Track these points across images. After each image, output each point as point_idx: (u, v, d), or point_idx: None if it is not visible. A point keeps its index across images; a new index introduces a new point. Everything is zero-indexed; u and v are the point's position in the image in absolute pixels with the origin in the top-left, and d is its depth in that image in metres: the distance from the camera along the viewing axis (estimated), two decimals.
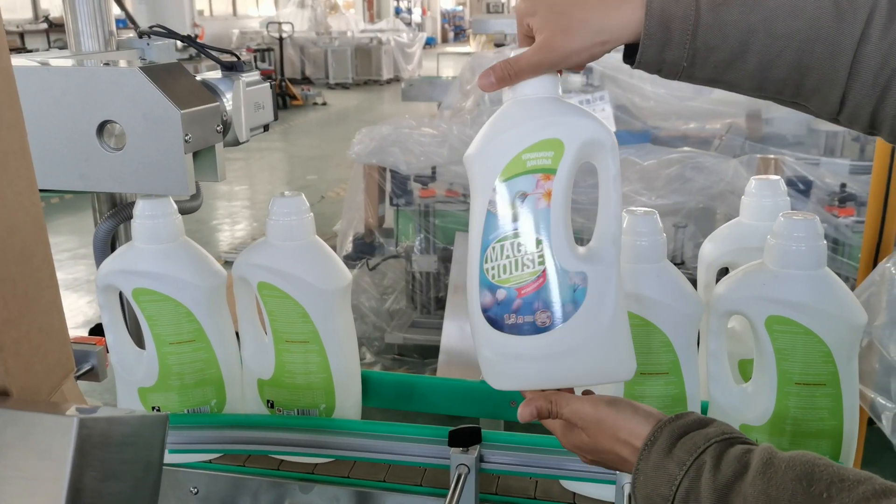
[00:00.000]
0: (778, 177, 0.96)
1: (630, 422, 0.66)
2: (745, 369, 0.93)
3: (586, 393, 0.71)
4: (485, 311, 0.64)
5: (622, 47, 0.69)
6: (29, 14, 11.08)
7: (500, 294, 0.63)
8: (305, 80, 13.00)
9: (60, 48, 1.13)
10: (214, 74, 1.05)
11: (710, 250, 0.98)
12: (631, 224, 0.79)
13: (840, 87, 0.64)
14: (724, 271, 0.98)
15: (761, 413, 0.80)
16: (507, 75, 0.67)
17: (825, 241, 0.77)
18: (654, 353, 0.80)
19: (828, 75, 0.64)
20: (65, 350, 0.57)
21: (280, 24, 12.06)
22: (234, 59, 1.08)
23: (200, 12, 14.09)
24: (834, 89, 0.64)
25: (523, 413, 0.69)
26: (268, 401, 0.95)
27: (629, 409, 0.67)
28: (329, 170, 7.18)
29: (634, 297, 0.79)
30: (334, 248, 3.95)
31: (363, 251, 3.44)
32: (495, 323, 0.63)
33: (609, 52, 0.67)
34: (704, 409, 0.86)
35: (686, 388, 0.82)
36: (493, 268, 0.63)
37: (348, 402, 0.96)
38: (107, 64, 0.89)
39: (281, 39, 11.91)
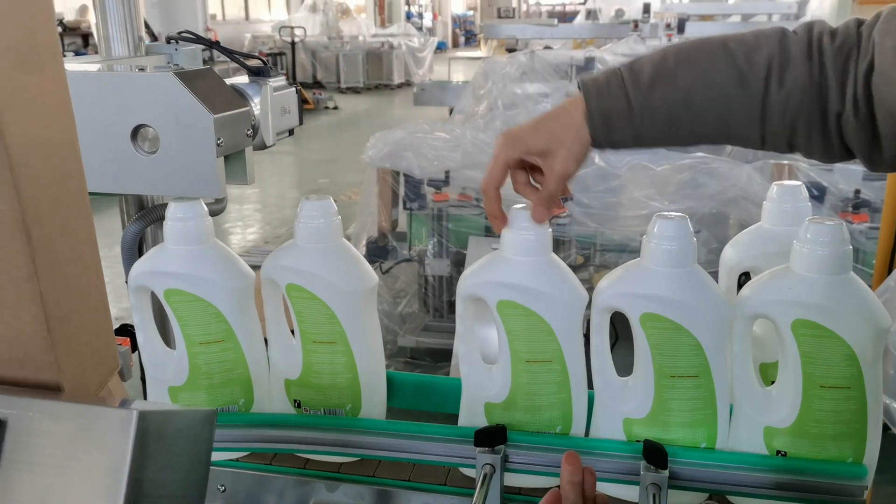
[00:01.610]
0: (800, 182, 0.97)
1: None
2: (765, 373, 0.93)
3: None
4: None
5: None
6: None
7: None
8: (317, 85, 13.06)
9: (75, 52, 1.15)
10: (242, 79, 1.07)
11: (732, 255, 0.99)
12: (661, 228, 0.81)
13: (758, 131, 0.81)
14: (744, 276, 0.99)
15: (786, 416, 0.81)
16: (551, 200, 0.85)
17: (851, 247, 0.78)
18: (683, 356, 0.81)
19: (745, 126, 0.81)
20: (111, 347, 0.59)
21: (292, 28, 12.12)
22: (262, 64, 1.10)
23: (213, 16, 14.17)
24: (754, 134, 0.81)
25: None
26: (294, 400, 0.97)
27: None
28: (340, 173, 7.20)
29: (665, 301, 0.80)
30: None
31: (376, 255, 3.46)
32: None
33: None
34: (732, 412, 0.87)
35: (716, 392, 0.83)
36: None
37: (374, 402, 0.98)
38: (141, 69, 0.91)
39: (293, 44, 11.97)
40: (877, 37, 0.74)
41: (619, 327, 0.94)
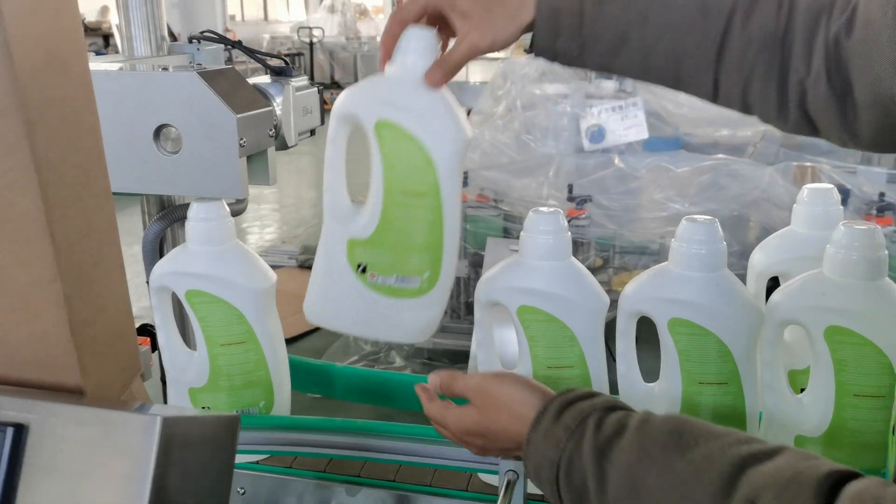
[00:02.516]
0: (831, 186, 0.95)
1: (516, 394, 0.72)
2: (794, 380, 0.91)
3: None
4: None
5: None
6: None
7: None
8: (335, 85, 13.06)
9: (95, 52, 1.15)
10: (264, 79, 1.07)
11: (761, 259, 0.97)
12: (690, 232, 0.79)
13: (711, 73, 0.73)
14: (772, 281, 0.97)
15: (817, 424, 0.79)
16: (451, 69, 0.77)
17: (886, 252, 0.76)
18: (712, 362, 0.80)
19: (699, 63, 0.73)
20: (133, 350, 0.58)
21: (310, 29, 12.14)
22: (284, 64, 1.09)
23: (232, 17, 14.24)
24: (706, 75, 0.73)
25: (432, 380, 0.80)
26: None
27: (513, 381, 0.73)
28: (357, 174, 7.20)
29: (693, 306, 0.79)
30: None
31: None
32: None
33: (517, 38, 0.77)
34: (761, 419, 0.85)
35: (745, 399, 0.81)
36: None
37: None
38: (164, 69, 0.90)
39: (311, 44, 12.00)
40: None
41: (639, 329, 0.92)
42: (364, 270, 0.81)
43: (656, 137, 3.53)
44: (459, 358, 3.27)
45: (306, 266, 4.56)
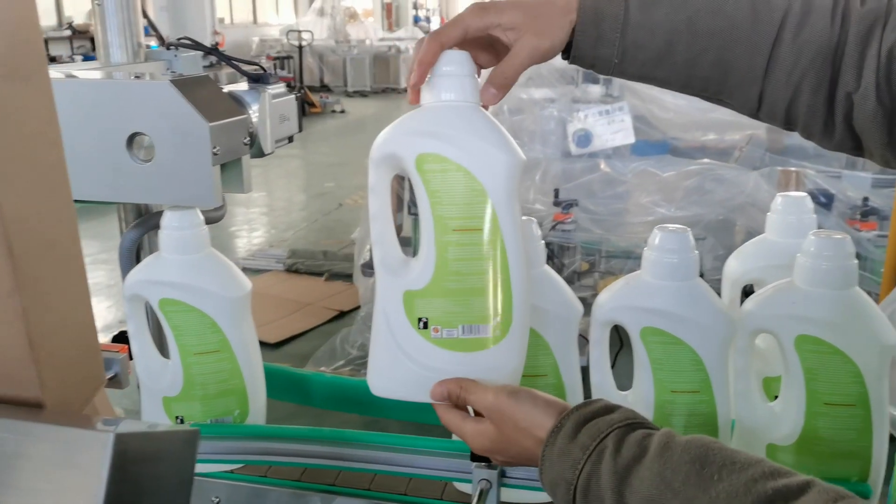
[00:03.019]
0: (804, 193, 0.95)
1: (531, 412, 0.68)
2: (768, 387, 0.92)
3: None
4: None
5: None
6: (53, 21, 11.22)
7: None
8: (324, 88, 13.07)
9: (84, 56, 1.15)
10: (241, 86, 1.06)
11: (735, 267, 0.97)
12: (662, 241, 0.79)
13: (758, 84, 0.70)
14: (747, 287, 0.98)
15: (789, 433, 0.79)
16: (510, 79, 0.73)
17: (856, 261, 0.76)
18: (684, 371, 0.80)
19: (747, 73, 0.70)
20: (96, 362, 0.58)
21: (300, 32, 12.13)
22: (261, 71, 1.09)
23: (221, 20, 14.22)
24: (753, 87, 0.70)
25: (435, 392, 0.73)
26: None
27: (529, 399, 0.69)
28: (347, 177, 7.20)
29: (666, 315, 0.79)
30: (352, 254, 3.97)
31: None
32: None
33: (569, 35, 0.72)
34: (734, 428, 0.86)
35: (717, 408, 0.81)
36: None
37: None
38: (137, 77, 0.90)
39: (300, 47, 11.98)
40: None
41: (623, 335, 0.92)
42: (426, 326, 0.73)
43: (644, 141, 3.54)
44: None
45: (293, 270, 4.55)
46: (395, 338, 0.74)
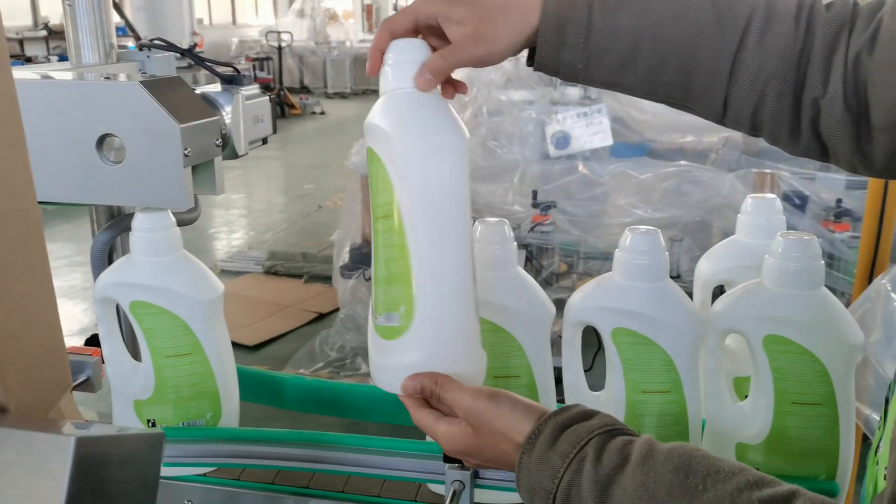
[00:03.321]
0: (774, 195, 0.96)
1: (510, 416, 0.67)
2: (739, 387, 0.93)
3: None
4: None
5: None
6: (28, 21, 11.09)
7: None
8: (304, 90, 13.03)
9: (60, 56, 1.13)
10: (214, 87, 1.06)
11: (707, 268, 0.98)
12: (633, 242, 0.80)
13: (722, 90, 0.69)
14: (719, 288, 0.99)
15: (758, 432, 0.80)
16: (442, 73, 0.71)
17: (823, 261, 0.77)
18: (655, 371, 0.80)
19: (711, 79, 0.69)
20: (62, 366, 0.57)
21: (279, 33, 12.09)
22: (234, 72, 1.09)
23: (200, 21, 14.12)
24: (717, 93, 0.69)
25: (407, 385, 0.71)
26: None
27: (508, 402, 0.68)
28: (327, 179, 7.18)
29: (636, 316, 0.79)
30: (331, 256, 3.96)
31: (360, 261, 3.44)
32: None
33: (517, 52, 0.72)
34: (704, 427, 0.86)
35: (688, 408, 0.82)
36: None
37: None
38: (107, 78, 0.89)
39: (280, 48, 11.94)
40: (887, 17, 0.64)
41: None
42: (374, 313, 0.74)
43: (622, 143, 3.57)
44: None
45: (272, 272, 4.53)
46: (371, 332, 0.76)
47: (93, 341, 1.26)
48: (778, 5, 0.68)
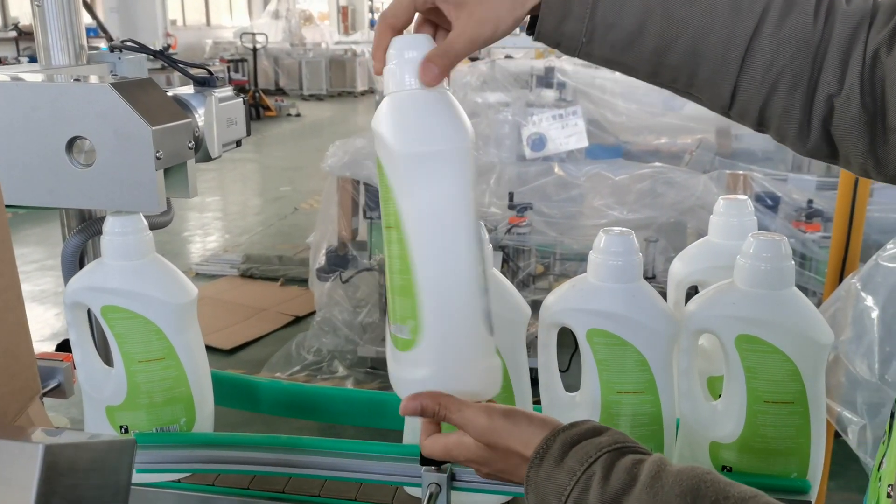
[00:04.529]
0: (745, 196, 0.97)
1: (525, 432, 0.65)
2: (713, 387, 0.94)
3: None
4: None
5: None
6: None
7: None
8: (279, 91, 12.96)
9: (30, 57, 1.12)
10: (187, 89, 1.05)
11: (680, 268, 0.99)
12: (607, 244, 0.80)
13: (731, 79, 0.65)
14: (692, 289, 1.00)
15: (731, 431, 0.81)
16: (449, 62, 0.66)
17: (793, 262, 0.78)
18: (630, 371, 0.81)
19: (720, 66, 0.65)
20: (31, 372, 0.56)
21: (254, 34, 12.01)
22: (207, 74, 1.08)
23: (173, 22, 14.00)
24: (726, 81, 0.65)
25: (406, 406, 0.68)
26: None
27: (524, 419, 0.66)
28: (302, 181, 7.15)
29: (610, 317, 0.80)
30: (307, 259, 3.94)
31: (336, 264, 3.43)
32: None
33: (520, 24, 0.67)
34: (679, 426, 0.87)
35: (662, 407, 0.83)
36: None
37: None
38: (77, 79, 0.88)
39: (255, 50, 11.86)
40: None
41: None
42: (389, 318, 0.72)
43: (596, 145, 3.59)
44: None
45: (248, 275, 4.50)
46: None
47: (64, 346, 1.24)
48: None
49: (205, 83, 1.06)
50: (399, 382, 0.70)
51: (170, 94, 1.00)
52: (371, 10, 19.69)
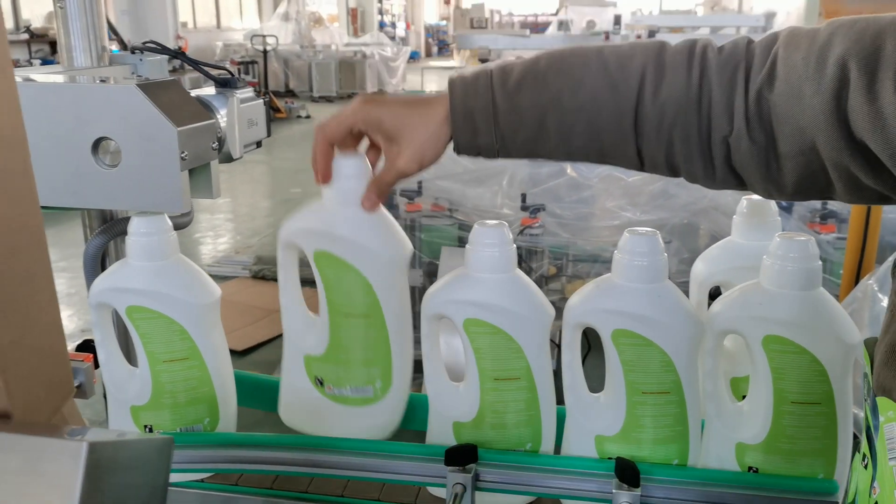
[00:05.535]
0: None
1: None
2: (736, 387, 0.93)
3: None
4: None
5: None
6: (10, 24, 10.99)
7: None
8: (289, 93, 13.00)
9: (43, 60, 1.12)
10: (208, 91, 1.05)
11: (702, 269, 0.99)
12: (632, 244, 0.80)
13: (632, 145, 0.74)
14: (714, 290, 0.99)
15: (757, 432, 0.81)
16: (384, 191, 0.83)
17: (820, 262, 0.78)
18: (655, 372, 0.81)
19: (619, 137, 0.74)
20: (65, 371, 0.57)
21: (264, 37, 12.04)
22: (229, 75, 1.08)
23: (184, 24, 14.06)
24: (628, 148, 0.74)
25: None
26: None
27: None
28: (313, 183, 7.12)
29: (636, 317, 0.80)
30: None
31: None
32: None
33: (442, 154, 0.80)
34: (703, 427, 0.87)
35: (687, 408, 0.82)
36: None
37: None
38: (103, 80, 0.88)
39: (265, 52, 11.90)
40: (781, 51, 0.67)
41: (592, 338, 0.93)
42: (322, 383, 0.91)
43: None
44: (414, 367, 3.25)
45: (259, 276, 4.51)
46: (299, 388, 0.93)
47: (84, 347, 1.25)
48: (668, 58, 0.72)
49: (226, 84, 1.07)
50: (370, 428, 0.92)
51: (192, 94, 1.00)
52: (380, 13, 19.74)
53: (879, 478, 0.56)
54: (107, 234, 1.06)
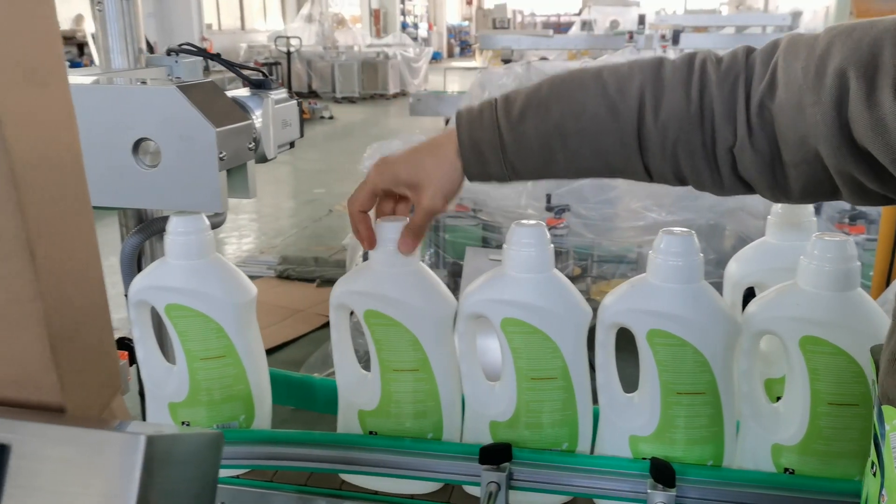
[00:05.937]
0: None
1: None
2: (770, 388, 0.93)
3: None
4: None
5: None
6: None
7: None
8: (312, 94, 13.07)
9: (70, 62, 1.14)
10: (243, 92, 1.07)
11: (737, 269, 0.99)
12: (668, 244, 0.80)
13: (639, 161, 0.75)
14: (749, 291, 0.99)
15: (794, 433, 0.80)
16: (419, 234, 0.85)
17: (859, 263, 0.77)
18: (690, 372, 0.81)
19: (626, 157, 0.75)
20: (114, 367, 0.58)
21: (288, 38, 12.12)
22: (262, 76, 1.10)
23: (209, 26, 14.19)
24: (636, 164, 0.75)
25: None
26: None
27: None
28: (336, 183, 7.19)
29: (672, 318, 0.80)
30: (343, 261, 3.96)
31: None
32: None
33: (461, 186, 0.83)
34: (739, 428, 0.86)
35: (723, 409, 0.82)
36: None
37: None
38: (143, 82, 0.90)
39: (289, 53, 11.98)
40: (781, 61, 0.68)
41: (619, 338, 0.92)
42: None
43: None
44: None
45: (284, 276, 4.54)
46: None
47: (119, 344, 1.27)
48: (666, 76, 0.73)
49: (260, 85, 1.08)
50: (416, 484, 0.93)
51: (229, 96, 1.02)
52: (403, 14, 19.79)
53: (888, 485, 0.56)
54: (143, 234, 1.08)
